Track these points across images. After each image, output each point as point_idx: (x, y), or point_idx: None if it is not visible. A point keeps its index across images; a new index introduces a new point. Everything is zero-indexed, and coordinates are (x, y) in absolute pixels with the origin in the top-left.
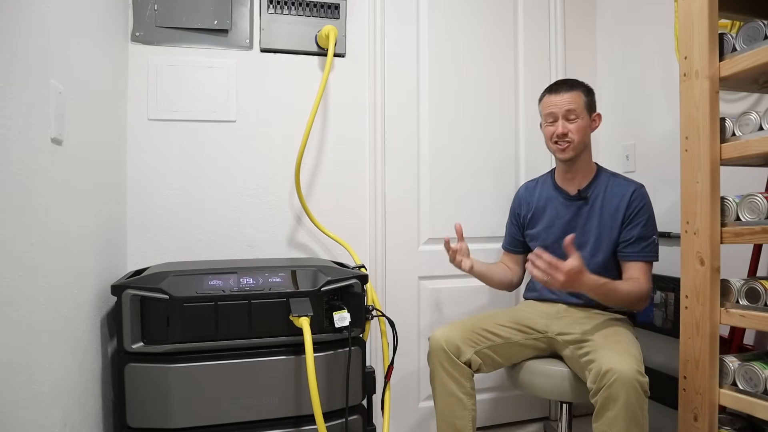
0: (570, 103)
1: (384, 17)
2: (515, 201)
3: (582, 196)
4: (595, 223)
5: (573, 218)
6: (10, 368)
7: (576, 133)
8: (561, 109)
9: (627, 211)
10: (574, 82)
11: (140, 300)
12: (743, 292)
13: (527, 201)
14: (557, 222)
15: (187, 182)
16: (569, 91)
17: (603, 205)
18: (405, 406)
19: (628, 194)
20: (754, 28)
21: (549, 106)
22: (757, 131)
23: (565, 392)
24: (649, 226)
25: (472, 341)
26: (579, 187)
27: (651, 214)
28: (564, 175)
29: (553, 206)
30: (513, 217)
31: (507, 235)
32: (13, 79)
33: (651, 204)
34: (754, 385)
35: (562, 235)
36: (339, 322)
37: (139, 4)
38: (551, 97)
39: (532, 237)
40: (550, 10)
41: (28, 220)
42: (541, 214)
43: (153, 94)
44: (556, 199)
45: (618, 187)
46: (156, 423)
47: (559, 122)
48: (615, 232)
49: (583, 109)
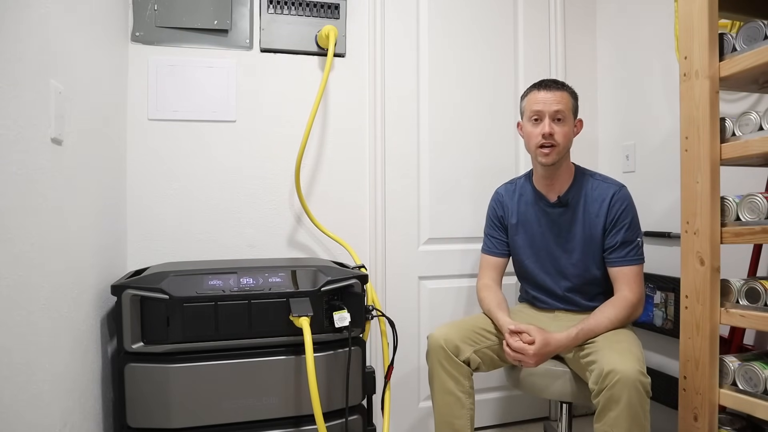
0: (559, 103)
1: (384, 17)
2: (495, 204)
3: (562, 202)
4: (579, 229)
5: (555, 225)
6: (10, 368)
7: (562, 137)
8: (549, 107)
9: (609, 215)
10: (563, 83)
11: (140, 300)
12: (743, 292)
13: (508, 205)
14: (540, 231)
15: (187, 182)
16: (558, 90)
17: (585, 210)
18: (405, 406)
19: (608, 198)
20: (754, 28)
21: (536, 102)
22: (757, 131)
23: (565, 392)
24: (632, 229)
25: (471, 340)
26: (559, 193)
27: (633, 215)
28: (543, 181)
29: (535, 214)
30: (495, 220)
31: (490, 240)
32: (13, 79)
33: (633, 204)
34: (754, 385)
35: (546, 246)
36: (339, 322)
37: (139, 4)
38: (539, 93)
39: (517, 248)
40: (550, 9)
41: (28, 220)
42: (525, 222)
43: (153, 94)
44: (537, 206)
45: (598, 191)
46: (156, 423)
47: (546, 121)
48: (599, 237)
49: (570, 111)
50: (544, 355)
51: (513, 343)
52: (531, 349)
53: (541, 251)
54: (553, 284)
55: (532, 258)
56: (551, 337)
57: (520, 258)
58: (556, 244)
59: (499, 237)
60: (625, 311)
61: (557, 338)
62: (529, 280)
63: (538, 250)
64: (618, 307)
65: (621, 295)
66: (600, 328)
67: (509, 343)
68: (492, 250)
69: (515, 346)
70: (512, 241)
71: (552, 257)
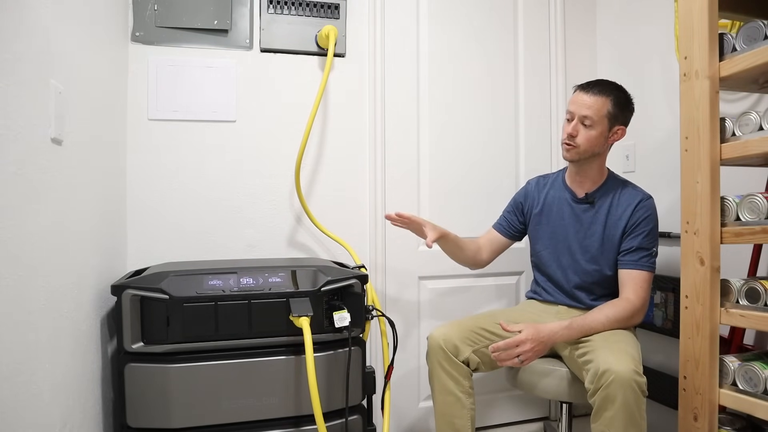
0: (590, 108)
1: (384, 17)
2: (522, 192)
3: (589, 199)
4: (599, 228)
5: (578, 220)
6: (10, 368)
7: (584, 140)
8: (579, 110)
9: (630, 219)
10: (609, 88)
11: (140, 300)
12: (743, 292)
13: (535, 196)
14: (562, 223)
15: (187, 182)
16: (597, 96)
17: (609, 212)
18: (405, 405)
19: (634, 203)
20: (754, 28)
21: (573, 102)
22: (757, 131)
23: (564, 392)
24: (650, 238)
25: (470, 340)
26: (587, 190)
27: (654, 225)
28: (574, 177)
29: (560, 206)
30: (514, 206)
31: (503, 218)
32: (13, 79)
33: (656, 216)
34: (754, 385)
35: (565, 238)
36: (339, 322)
37: (139, 4)
38: (578, 94)
39: (536, 236)
40: (550, 9)
41: (28, 220)
42: (549, 212)
43: (153, 94)
44: (564, 199)
45: (626, 196)
46: (156, 423)
47: (574, 122)
48: (617, 238)
49: (603, 118)
50: (538, 341)
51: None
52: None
53: (559, 243)
54: (563, 278)
55: (550, 248)
56: (541, 325)
57: (537, 247)
58: (575, 239)
59: (510, 219)
60: (624, 313)
61: (549, 326)
62: (541, 270)
63: (556, 242)
64: (618, 307)
65: (624, 297)
66: (596, 324)
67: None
68: (499, 225)
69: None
70: (533, 230)
71: (569, 251)
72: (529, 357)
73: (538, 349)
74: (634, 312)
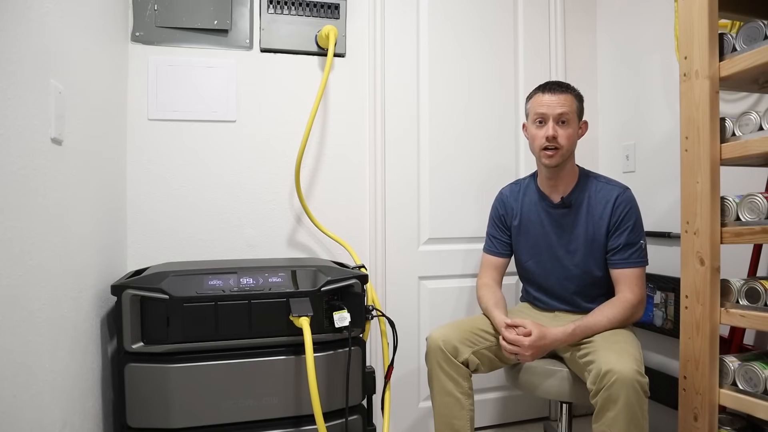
0: (563, 106)
1: (384, 17)
2: (499, 204)
3: (566, 203)
4: (581, 230)
5: (559, 226)
6: (10, 368)
7: (566, 139)
8: (553, 110)
9: (612, 218)
10: (568, 85)
11: (140, 300)
12: (743, 292)
13: (512, 206)
14: (543, 232)
15: (187, 182)
16: (561, 93)
17: (588, 211)
18: (405, 406)
19: (612, 200)
20: (754, 28)
21: (540, 105)
22: (757, 131)
23: (565, 392)
24: (635, 231)
25: (469, 341)
26: (563, 194)
27: (637, 218)
28: (547, 182)
29: (538, 215)
30: (497, 220)
31: (491, 240)
32: (13, 79)
33: (637, 207)
34: (754, 385)
35: (549, 247)
36: (339, 322)
37: (139, 4)
38: (544, 96)
39: (519, 248)
40: (550, 9)
41: (28, 220)
42: (528, 223)
43: (153, 94)
44: (541, 207)
45: (602, 192)
46: (156, 423)
47: (549, 124)
48: (602, 238)
49: (575, 113)
50: (539, 347)
51: (508, 335)
52: (527, 340)
53: (543, 252)
54: (554, 285)
55: (535, 259)
56: (547, 331)
57: (522, 258)
58: (558, 245)
59: (500, 237)
60: (624, 312)
61: (553, 332)
62: (530, 281)
63: (540, 251)
64: (617, 307)
65: (621, 296)
66: (598, 326)
67: (505, 335)
68: (493, 249)
69: (510, 338)
70: (515, 242)
71: (554, 258)
72: (525, 359)
73: (536, 355)
74: (634, 310)
